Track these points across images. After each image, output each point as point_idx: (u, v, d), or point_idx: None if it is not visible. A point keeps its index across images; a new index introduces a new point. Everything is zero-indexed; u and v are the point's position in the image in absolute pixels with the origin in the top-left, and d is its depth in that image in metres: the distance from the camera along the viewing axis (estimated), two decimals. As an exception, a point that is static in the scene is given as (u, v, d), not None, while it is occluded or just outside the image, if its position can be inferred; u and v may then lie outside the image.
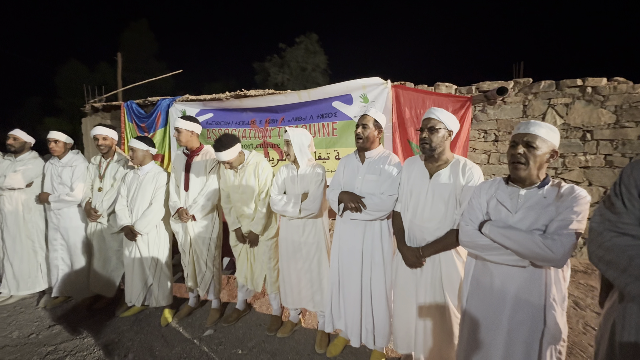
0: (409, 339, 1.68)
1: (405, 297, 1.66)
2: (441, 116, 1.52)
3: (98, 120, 4.76)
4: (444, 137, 1.53)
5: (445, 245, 1.50)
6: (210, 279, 2.41)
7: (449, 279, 1.51)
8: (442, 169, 1.56)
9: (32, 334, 2.27)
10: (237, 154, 2.13)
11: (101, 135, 2.49)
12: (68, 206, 2.56)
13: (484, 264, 1.28)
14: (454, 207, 1.49)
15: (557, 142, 1.19)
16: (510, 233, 1.14)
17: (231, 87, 21.32)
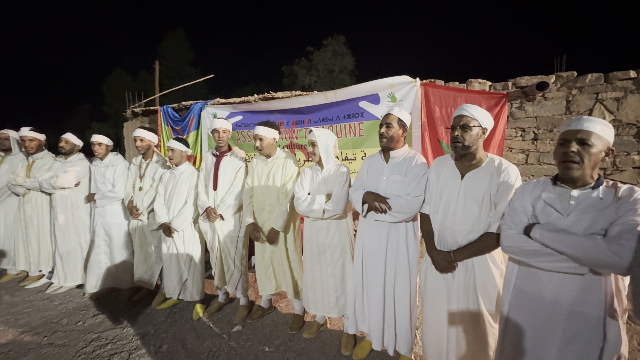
0: (440, 348, 1.61)
1: (435, 304, 1.59)
2: (474, 113, 1.45)
3: (138, 124, 5.09)
4: (478, 135, 1.45)
5: (480, 249, 1.41)
6: (238, 277, 2.48)
7: (483, 285, 1.43)
8: (474, 168, 1.47)
9: (79, 322, 2.46)
10: (272, 139, 2.25)
11: (139, 136, 2.66)
12: (111, 202, 2.76)
13: (530, 271, 1.18)
14: (489, 209, 1.40)
15: (612, 139, 1.09)
16: (567, 238, 1.03)
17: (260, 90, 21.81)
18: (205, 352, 2.08)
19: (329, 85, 15.66)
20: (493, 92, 2.86)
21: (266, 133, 2.22)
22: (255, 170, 2.33)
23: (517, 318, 1.21)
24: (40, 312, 2.59)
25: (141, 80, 22.89)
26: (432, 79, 3.08)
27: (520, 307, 1.20)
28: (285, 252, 2.30)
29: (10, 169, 3.02)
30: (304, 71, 16.10)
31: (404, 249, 1.73)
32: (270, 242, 2.25)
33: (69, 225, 2.86)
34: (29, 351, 2.10)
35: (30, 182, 2.86)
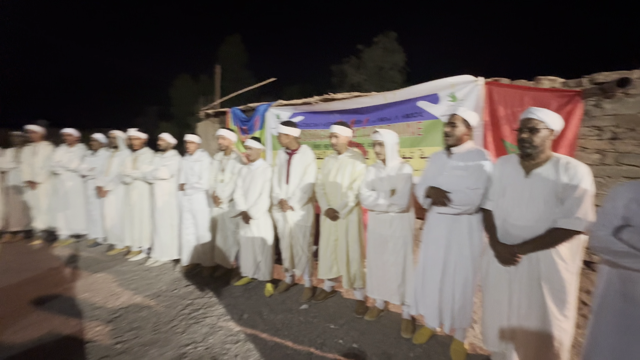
0: (500, 338, 1.70)
1: (497, 295, 1.68)
2: (542, 116, 1.50)
3: (209, 124, 5.73)
4: (546, 137, 1.51)
5: (545, 243, 1.48)
6: (305, 262, 2.77)
7: (549, 280, 1.49)
8: (540, 166, 1.54)
9: (175, 289, 2.97)
10: (345, 137, 2.51)
11: (222, 135, 3.12)
12: (197, 192, 3.24)
13: (629, 274, 1.17)
14: (554, 205, 1.46)
15: None
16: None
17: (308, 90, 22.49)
18: (279, 322, 2.40)
19: (378, 83, 15.54)
20: (565, 89, 2.75)
21: (342, 131, 2.47)
22: (327, 166, 2.59)
23: (610, 317, 1.22)
24: (144, 280, 3.17)
25: (202, 84, 24.93)
26: (496, 78, 3.05)
27: (613, 306, 1.22)
28: (346, 243, 2.52)
29: (120, 163, 3.70)
30: (353, 69, 16.17)
31: (466, 240, 1.84)
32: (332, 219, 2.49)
33: (165, 210, 3.43)
34: (142, 309, 2.62)
35: (136, 173, 3.48)
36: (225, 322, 2.41)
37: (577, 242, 1.50)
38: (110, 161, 3.76)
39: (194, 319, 2.45)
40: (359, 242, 2.49)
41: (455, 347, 2.00)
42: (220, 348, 2.10)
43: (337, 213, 2.44)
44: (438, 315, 1.97)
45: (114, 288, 2.98)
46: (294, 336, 2.23)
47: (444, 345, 2.07)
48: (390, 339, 2.18)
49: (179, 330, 2.31)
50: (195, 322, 2.41)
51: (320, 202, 2.60)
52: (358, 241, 2.49)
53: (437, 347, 2.08)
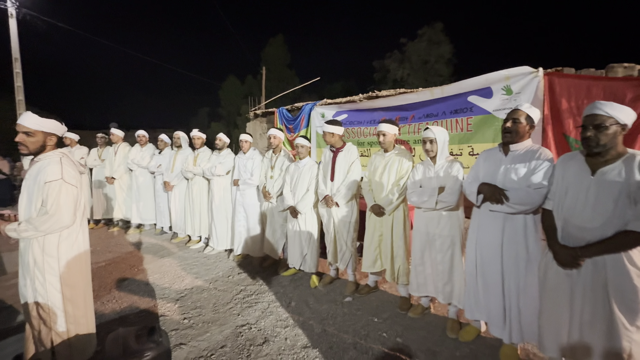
0: (560, 344, 1.61)
1: (556, 300, 1.59)
2: (610, 111, 1.37)
3: (258, 124, 6.09)
4: (615, 134, 1.38)
5: (614, 247, 1.37)
6: (349, 257, 2.85)
7: (617, 287, 1.38)
8: (609, 164, 1.41)
9: (229, 276, 3.26)
10: (393, 134, 2.56)
11: (273, 135, 3.32)
12: (249, 187, 3.50)
13: None
14: (626, 206, 1.34)
15: None
16: None
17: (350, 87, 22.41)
18: (324, 312, 2.52)
19: (422, 77, 14.95)
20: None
21: (389, 129, 2.52)
22: (374, 163, 2.65)
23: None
24: (203, 266, 3.52)
25: (248, 85, 26.22)
26: (559, 68, 2.82)
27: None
28: (391, 239, 2.55)
29: (183, 160, 4.12)
30: (395, 64, 15.77)
31: (522, 241, 1.76)
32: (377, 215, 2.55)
33: (221, 203, 3.76)
34: (203, 291, 2.93)
35: (196, 170, 3.87)
36: (275, 308, 2.60)
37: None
38: (175, 159, 4.21)
39: (247, 303, 2.68)
40: (404, 238, 2.51)
41: (507, 352, 1.93)
42: (271, 331, 2.28)
43: (382, 209, 2.49)
44: (504, 323, 1.88)
45: (178, 272, 3.36)
46: (338, 326, 2.33)
47: (492, 348, 2.01)
48: (435, 336, 2.18)
49: (235, 311, 2.55)
50: (248, 306, 2.64)
51: (367, 198, 2.66)
52: (403, 237, 2.50)
53: (484, 348, 2.03)
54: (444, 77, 15.01)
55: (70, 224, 1.63)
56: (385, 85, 15.72)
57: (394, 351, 2.05)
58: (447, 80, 14.64)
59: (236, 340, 2.17)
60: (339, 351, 2.05)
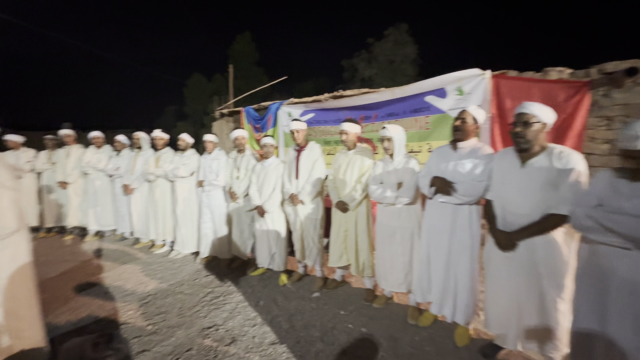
0: (501, 320, 1.79)
1: (497, 280, 1.78)
2: (535, 110, 1.58)
3: (224, 124, 5.96)
4: (539, 130, 1.59)
5: (541, 229, 1.56)
6: (316, 253, 2.92)
7: (546, 263, 1.57)
8: (535, 157, 1.61)
9: (196, 279, 3.19)
10: (355, 133, 2.63)
11: (241, 136, 3.30)
12: (215, 189, 3.45)
13: (594, 248, 1.34)
14: (549, 192, 1.53)
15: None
16: (619, 218, 1.19)
17: (320, 86, 22.52)
18: (292, 309, 2.56)
19: (389, 76, 15.40)
20: (572, 80, 2.75)
21: (351, 128, 2.60)
22: (338, 161, 2.73)
23: (584, 288, 1.39)
24: (168, 271, 3.41)
25: (215, 83, 25.43)
26: (504, 70, 3.07)
27: (585, 278, 1.38)
28: (355, 234, 2.65)
29: (144, 162, 3.95)
30: (363, 64, 16.10)
31: (467, 229, 1.94)
32: (342, 211, 2.62)
33: (186, 206, 3.66)
34: (168, 295, 2.85)
35: (158, 172, 3.73)
36: (243, 308, 2.60)
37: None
38: (135, 161, 4.02)
39: (215, 305, 2.65)
40: (367, 233, 2.61)
41: (460, 332, 2.10)
42: (239, 330, 2.29)
43: (346, 205, 2.57)
44: (444, 303, 2.08)
45: (141, 277, 3.23)
46: (306, 321, 2.39)
47: (448, 330, 2.18)
48: (397, 324, 2.30)
49: (201, 314, 2.51)
50: (216, 307, 2.61)
51: (332, 195, 2.73)
52: (366, 232, 2.61)
53: (441, 331, 2.18)
54: (410, 77, 15.58)
55: (16, 228, 1.53)
56: (354, 84, 16.01)
57: (359, 340, 2.14)
58: (413, 80, 15.14)
59: (203, 343, 2.15)
60: (306, 345, 2.10)
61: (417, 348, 2.04)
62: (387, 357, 1.97)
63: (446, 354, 1.98)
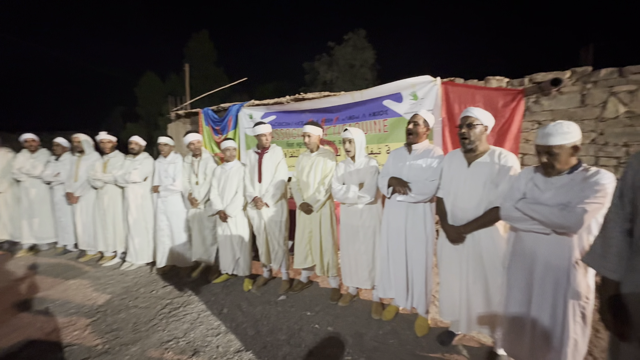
0: (454, 308, 1.94)
1: (449, 271, 1.93)
2: (477, 114, 1.76)
3: (181, 125, 5.68)
4: (481, 132, 1.76)
5: (484, 222, 1.73)
6: (282, 256, 2.90)
7: (488, 252, 1.75)
8: (478, 158, 1.79)
9: (153, 291, 3.00)
10: (317, 136, 2.65)
11: (196, 140, 3.17)
12: (172, 194, 3.27)
13: (519, 234, 1.54)
14: (491, 189, 1.71)
15: (578, 138, 1.37)
16: (537, 207, 1.38)
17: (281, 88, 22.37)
18: (258, 314, 2.52)
19: (350, 80, 15.80)
20: (509, 88, 3.08)
21: (313, 131, 2.63)
22: (301, 163, 2.74)
23: (513, 270, 1.58)
24: (120, 284, 3.16)
25: (170, 82, 24.07)
26: (452, 77, 3.33)
27: (514, 262, 1.57)
28: (320, 234, 2.68)
29: (88, 167, 3.62)
30: (325, 67, 16.32)
31: (422, 225, 2.08)
32: (306, 212, 2.63)
33: (139, 213, 3.41)
34: (120, 311, 2.64)
35: (107, 177, 3.43)
36: (206, 318, 2.50)
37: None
38: (77, 166, 3.66)
39: (174, 317, 2.52)
40: (331, 233, 2.66)
41: (419, 323, 2.23)
42: (201, 341, 2.19)
43: (310, 207, 2.60)
44: (404, 296, 2.20)
45: (89, 293, 2.95)
46: (272, 325, 2.36)
47: (409, 322, 2.30)
48: (362, 320, 2.38)
49: (159, 328, 2.37)
50: (175, 319, 2.48)
51: (296, 197, 2.74)
52: (331, 232, 2.66)
53: (403, 323, 2.30)
54: (369, 81, 16.11)
55: None
56: (316, 87, 16.16)
57: (326, 340, 2.17)
58: (372, 84, 15.71)
59: (162, 358, 2.03)
60: (273, 349, 2.09)
61: (381, 342, 2.13)
62: (354, 353, 2.02)
63: (407, 344, 2.09)
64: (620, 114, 2.72)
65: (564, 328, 1.37)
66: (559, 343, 1.38)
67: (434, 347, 2.04)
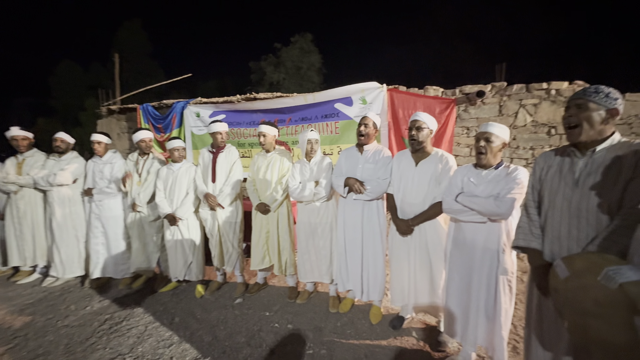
0: (403, 294, 2.15)
1: (399, 260, 2.13)
2: (424, 118, 1.99)
3: (114, 122, 5.12)
4: (427, 134, 1.99)
5: (429, 215, 1.96)
6: (236, 258, 2.83)
7: (433, 242, 1.98)
8: (424, 158, 2.02)
9: (87, 307, 2.66)
10: (273, 136, 2.65)
11: (146, 138, 2.94)
12: (108, 197, 2.95)
13: (459, 225, 1.77)
14: (435, 186, 1.96)
15: (507, 137, 1.66)
16: (475, 199, 1.62)
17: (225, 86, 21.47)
18: (214, 319, 2.43)
19: (297, 82, 15.92)
20: (444, 97, 3.48)
21: (269, 131, 2.62)
22: (257, 163, 2.71)
23: (454, 257, 1.80)
24: (44, 302, 2.73)
25: (94, 73, 21.35)
26: (396, 85, 3.63)
27: (455, 249, 1.79)
28: (277, 234, 2.70)
29: (-5, 168, 3.05)
30: (271, 67, 16.18)
31: (375, 221, 2.25)
32: (263, 212, 2.63)
33: (67, 220, 2.99)
34: (47, 333, 2.30)
35: (24, 180, 2.93)
36: (155, 329, 2.32)
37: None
38: (-20, 167, 3.06)
39: (116, 332, 2.28)
40: (289, 232, 2.69)
41: (374, 311, 2.39)
42: (152, 354, 2.04)
43: (268, 207, 2.59)
44: (360, 288, 2.34)
45: (1, 316, 2.50)
46: (230, 329, 2.30)
47: (364, 312, 2.45)
48: (320, 315, 2.46)
49: (99, 346, 2.13)
50: (118, 335, 2.25)
51: (252, 197, 2.70)
52: (288, 231, 2.68)
53: (359, 314, 2.44)
54: (316, 84, 16.46)
55: None
56: (262, 87, 15.92)
57: (286, 337, 2.20)
58: (318, 87, 16.11)
59: (105, 378, 1.84)
60: (233, 352, 2.04)
61: (339, 333, 2.23)
62: (314, 346, 2.09)
63: (363, 332, 2.23)
64: (527, 123, 3.28)
65: (496, 300, 1.63)
66: (493, 313, 1.64)
67: (387, 333, 2.22)
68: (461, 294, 1.76)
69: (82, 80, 20.79)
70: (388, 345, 2.07)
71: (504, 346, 1.66)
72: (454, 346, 2.03)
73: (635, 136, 3.00)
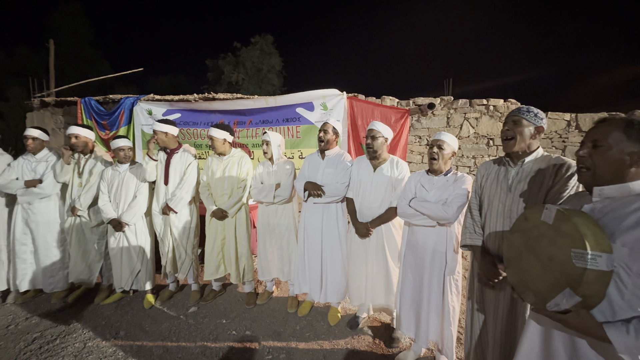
0: (360, 293, 2.23)
1: (357, 261, 2.21)
2: (379, 128, 2.11)
3: (48, 115, 4.56)
4: (382, 143, 2.12)
5: (386, 218, 2.08)
6: (189, 265, 2.69)
7: (389, 244, 2.10)
8: (381, 164, 2.14)
9: (10, 325, 2.33)
10: (223, 139, 2.52)
11: (74, 134, 2.63)
12: (38, 199, 2.61)
13: (412, 228, 1.90)
14: (391, 191, 2.08)
15: (456, 147, 1.84)
16: (425, 204, 1.75)
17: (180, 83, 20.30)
18: (165, 331, 2.28)
19: (257, 83, 15.66)
20: (400, 107, 3.71)
21: (216, 134, 2.50)
22: (211, 167, 2.60)
23: (408, 259, 1.93)
24: (-50, 324, 2.33)
25: (20, 58, 18.74)
26: (355, 93, 3.78)
27: (409, 251, 1.92)
28: (235, 240, 2.62)
29: None
30: (230, 67, 15.70)
31: (334, 223, 2.31)
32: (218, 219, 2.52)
33: (-15, 226, 2.59)
34: (-45, 359, 1.96)
35: None
36: (96, 345, 2.11)
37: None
38: None
39: (49, 352, 2.03)
40: (247, 238, 2.63)
41: (332, 313, 2.44)
42: (92, 373, 1.85)
43: (225, 212, 2.51)
44: (319, 290, 2.37)
45: None
46: (184, 339, 2.18)
47: (322, 314, 2.49)
48: (279, 320, 2.44)
49: (26, 369, 1.88)
50: (51, 354, 2.00)
51: (206, 202, 2.58)
52: (247, 237, 2.63)
53: (317, 316, 2.48)
54: (276, 87, 16.34)
55: None
56: (220, 87, 15.37)
57: (244, 344, 2.15)
58: (279, 90, 16.03)
59: (33, 404, 1.63)
60: (186, 364, 1.94)
61: (298, 336, 2.24)
62: (273, 351, 2.07)
63: (322, 334, 2.27)
64: (470, 134, 3.64)
65: (444, 298, 1.78)
66: (441, 311, 1.79)
67: (345, 333, 2.28)
68: (414, 293, 1.89)
69: (4, 66, 18.13)
70: (345, 346, 2.14)
71: (453, 340, 1.81)
72: (406, 342, 2.16)
73: (555, 149, 3.49)
